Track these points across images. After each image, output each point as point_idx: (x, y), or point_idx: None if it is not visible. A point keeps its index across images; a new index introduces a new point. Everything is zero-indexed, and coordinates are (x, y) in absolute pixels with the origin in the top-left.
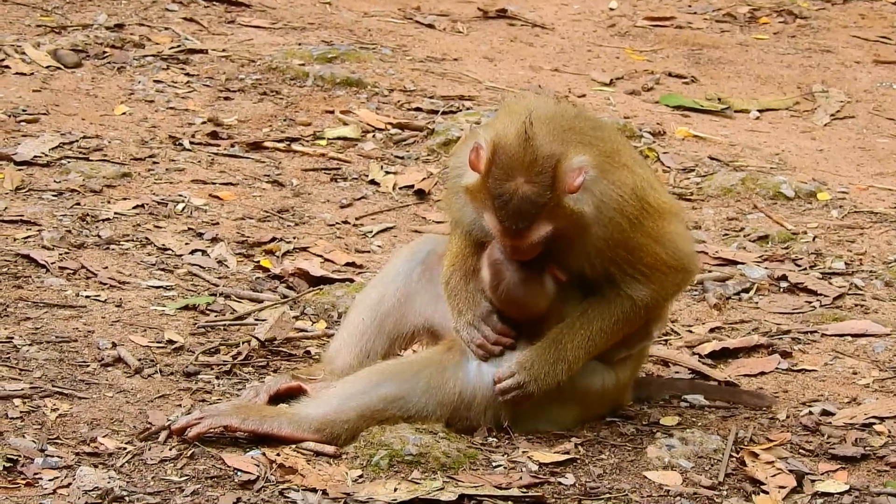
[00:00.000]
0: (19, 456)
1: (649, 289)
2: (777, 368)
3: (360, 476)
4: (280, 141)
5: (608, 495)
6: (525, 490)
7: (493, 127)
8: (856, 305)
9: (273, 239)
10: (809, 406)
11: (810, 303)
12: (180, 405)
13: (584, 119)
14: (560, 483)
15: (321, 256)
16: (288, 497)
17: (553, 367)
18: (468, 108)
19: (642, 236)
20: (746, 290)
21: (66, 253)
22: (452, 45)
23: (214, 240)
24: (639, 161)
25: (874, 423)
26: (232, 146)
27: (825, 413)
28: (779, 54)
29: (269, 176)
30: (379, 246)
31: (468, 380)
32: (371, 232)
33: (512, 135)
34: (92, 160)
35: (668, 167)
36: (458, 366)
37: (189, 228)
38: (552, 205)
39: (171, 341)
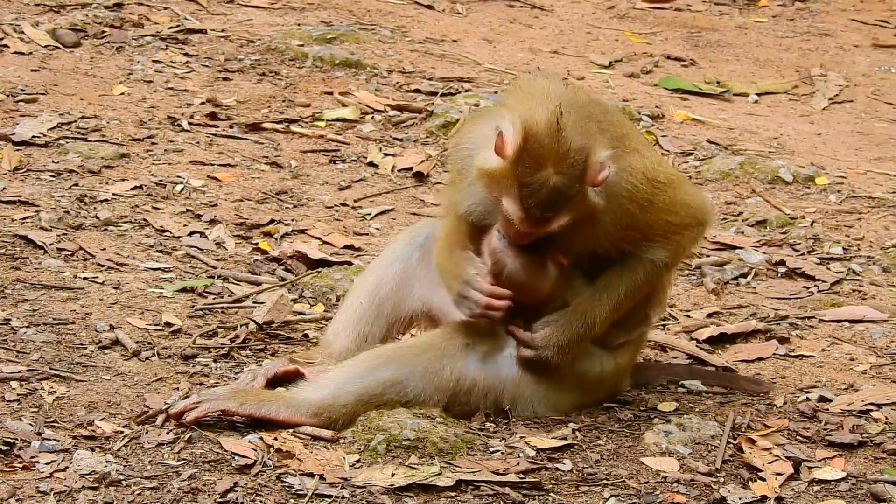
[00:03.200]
0: (16, 439)
1: (667, 250)
2: (775, 354)
3: (358, 461)
4: (279, 122)
5: (605, 481)
6: (522, 476)
7: (516, 111)
8: (853, 291)
9: (271, 221)
10: (807, 392)
11: (808, 288)
12: (178, 389)
13: (596, 104)
14: (557, 469)
15: (319, 239)
16: (285, 482)
17: (578, 342)
18: (467, 90)
19: (654, 213)
20: (744, 275)
21: (64, 234)
22: (451, 26)
23: (213, 221)
24: (645, 143)
25: (871, 410)
26: (231, 127)
27: (822, 399)
28: (777, 37)
29: (267, 157)
30: (377, 228)
31: (467, 365)
32: (369, 214)
33: (542, 122)
34: (90, 140)
35: (667, 151)
36: (457, 351)
37: (187, 210)
38: (579, 198)
39: (168, 324)
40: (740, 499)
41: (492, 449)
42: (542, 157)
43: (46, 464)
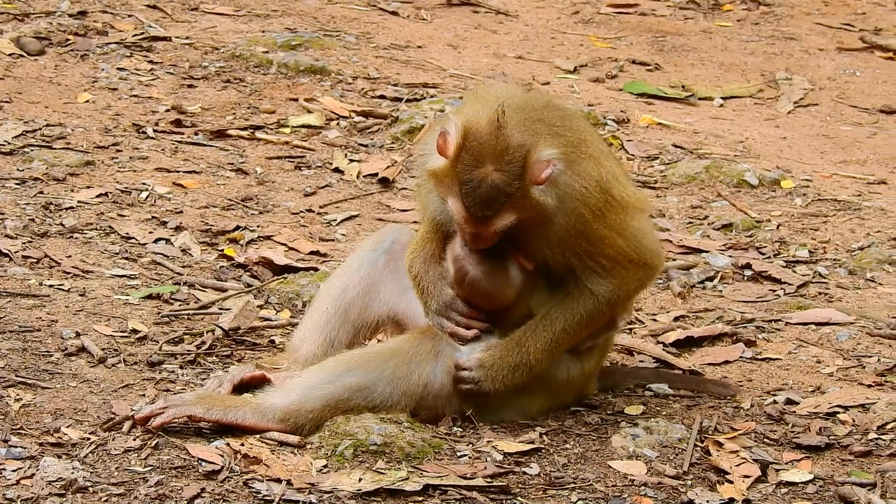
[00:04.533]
0: None
1: (611, 283)
2: (741, 357)
3: (325, 466)
4: (244, 129)
5: (573, 485)
6: (490, 480)
7: (462, 113)
8: (819, 294)
9: (237, 227)
10: (773, 395)
11: (774, 291)
12: (144, 395)
13: (553, 108)
14: (525, 473)
15: (285, 245)
16: (252, 487)
17: (513, 371)
18: (432, 96)
19: (605, 228)
20: (710, 279)
21: (30, 242)
22: (416, 32)
23: (178, 228)
24: (605, 152)
25: (838, 413)
26: (196, 134)
27: (789, 402)
28: (742, 41)
29: (232, 164)
30: (343, 234)
31: (434, 370)
32: (335, 220)
33: (483, 122)
34: (55, 148)
35: (632, 155)
36: (425, 356)
37: (153, 217)
38: (519, 195)
39: (134, 331)
40: (708, 501)
41: (459, 453)
42: (480, 155)
43: (13, 471)
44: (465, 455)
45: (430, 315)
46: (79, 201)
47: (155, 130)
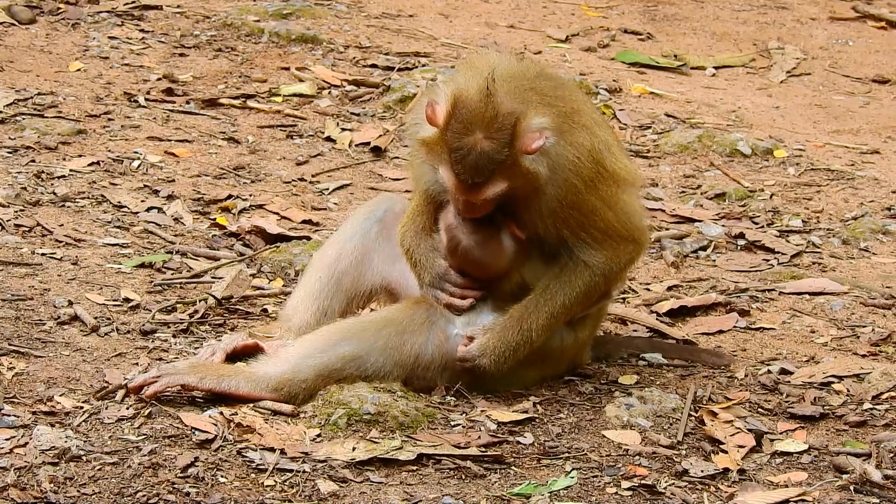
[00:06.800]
0: None
1: (603, 255)
2: (735, 327)
3: (319, 435)
4: (236, 98)
5: (567, 454)
6: (484, 449)
7: (453, 81)
8: (813, 263)
9: (229, 196)
10: (768, 365)
11: (768, 261)
12: (137, 364)
13: (546, 78)
14: (518, 442)
15: (278, 214)
16: (246, 456)
17: (515, 351)
18: (424, 65)
19: (596, 199)
20: (704, 248)
21: (22, 210)
22: (407, 0)
23: (170, 197)
24: (599, 122)
25: (832, 382)
26: (187, 103)
27: (783, 372)
28: (734, 11)
29: (224, 133)
30: (335, 203)
31: (427, 341)
32: (327, 189)
33: (473, 90)
34: (47, 117)
35: (625, 124)
36: (418, 327)
37: (145, 186)
38: (509, 162)
39: (127, 299)
40: (702, 471)
41: (453, 423)
42: (469, 123)
43: (6, 440)
44: (459, 424)
45: (425, 287)
46: (71, 170)
47: (147, 99)
